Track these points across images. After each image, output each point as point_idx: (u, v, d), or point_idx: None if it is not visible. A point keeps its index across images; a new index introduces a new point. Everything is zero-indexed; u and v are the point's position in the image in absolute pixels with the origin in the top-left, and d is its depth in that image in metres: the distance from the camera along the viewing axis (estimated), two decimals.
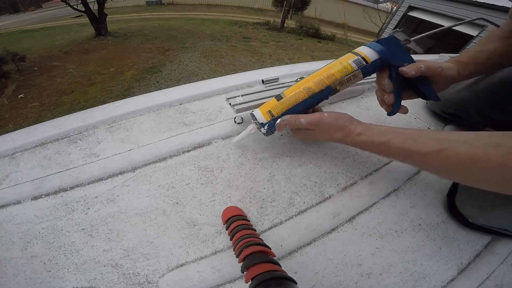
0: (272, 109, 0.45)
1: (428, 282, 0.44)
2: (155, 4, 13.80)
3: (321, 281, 0.41)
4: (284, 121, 0.43)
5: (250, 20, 9.91)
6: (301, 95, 0.44)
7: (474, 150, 0.30)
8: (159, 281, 0.39)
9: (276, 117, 0.44)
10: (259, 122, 0.45)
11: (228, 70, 5.04)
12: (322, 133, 0.44)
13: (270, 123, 0.45)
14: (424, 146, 0.34)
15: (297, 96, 0.44)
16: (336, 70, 0.44)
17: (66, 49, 5.94)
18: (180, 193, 0.48)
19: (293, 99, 0.44)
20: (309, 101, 0.45)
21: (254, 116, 0.45)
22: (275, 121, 0.45)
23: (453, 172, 0.33)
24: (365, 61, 0.44)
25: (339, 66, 0.44)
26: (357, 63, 0.44)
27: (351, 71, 0.44)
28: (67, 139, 0.54)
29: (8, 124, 3.45)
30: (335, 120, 0.42)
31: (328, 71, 0.45)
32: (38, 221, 0.42)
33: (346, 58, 0.45)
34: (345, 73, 0.44)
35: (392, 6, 8.68)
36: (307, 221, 0.47)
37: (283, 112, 0.44)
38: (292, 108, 0.45)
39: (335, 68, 0.44)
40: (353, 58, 0.45)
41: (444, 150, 0.32)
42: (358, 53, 0.45)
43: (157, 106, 0.63)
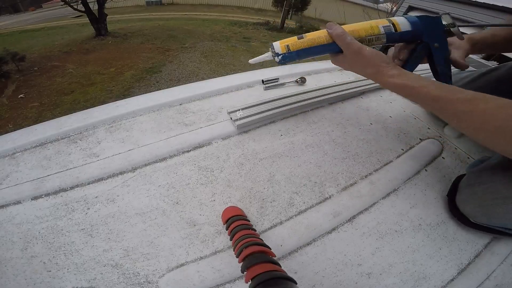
0: (291, 44, 0.47)
1: (428, 282, 0.44)
2: (155, 4, 13.80)
3: (321, 281, 0.41)
4: (337, 28, 0.44)
5: (250, 20, 9.91)
6: (320, 40, 0.46)
7: None
8: (159, 281, 0.38)
9: (291, 52, 0.47)
10: (275, 51, 0.47)
11: (228, 70, 5.03)
12: (356, 63, 0.45)
13: (285, 55, 0.47)
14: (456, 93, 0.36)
15: (316, 39, 0.46)
16: (361, 28, 0.46)
17: (66, 49, 5.94)
18: (180, 193, 0.48)
19: (312, 41, 0.46)
20: (325, 47, 0.47)
21: (273, 46, 0.48)
22: (289, 54, 0.47)
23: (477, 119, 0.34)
24: (395, 29, 0.46)
25: (367, 26, 0.46)
26: (386, 29, 0.46)
27: (376, 33, 0.46)
28: (67, 139, 0.54)
29: (8, 124, 3.44)
30: (373, 55, 0.43)
31: (354, 27, 0.46)
32: (38, 221, 0.42)
33: (378, 22, 0.47)
34: (370, 33, 0.46)
35: (392, 6, 8.68)
36: (307, 221, 0.47)
37: (299, 49, 0.46)
38: (308, 48, 0.46)
39: (362, 26, 0.46)
40: (384, 23, 0.46)
41: (474, 99, 0.34)
42: (392, 21, 0.47)
43: (157, 106, 0.63)
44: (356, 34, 0.45)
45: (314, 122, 0.65)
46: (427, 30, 0.47)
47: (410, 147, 0.63)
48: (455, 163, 0.62)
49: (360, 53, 0.43)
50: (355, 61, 0.45)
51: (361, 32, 0.46)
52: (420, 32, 0.47)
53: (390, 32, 0.46)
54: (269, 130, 0.61)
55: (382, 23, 0.46)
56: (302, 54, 0.47)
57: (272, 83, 0.74)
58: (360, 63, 0.45)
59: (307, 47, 0.46)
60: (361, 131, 0.65)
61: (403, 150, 0.62)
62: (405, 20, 0.47)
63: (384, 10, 9.59)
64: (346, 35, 0.43)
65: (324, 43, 0.46)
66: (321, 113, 0.68)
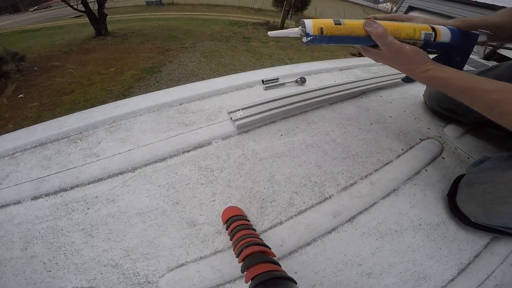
0: (325, 27, 0.43)
1: (428, 282, 0.44)
2: (155, 4, 13.80)
3: (321, 281, 0.41)
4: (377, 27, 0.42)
5: (250, 20, 9.91)
6: (358, 31, 0.44)
7: None
8: (159, 281, 0.38)
9: (323, 36, 0.44)
10: (306, 31, 0.43)
11: (228, 70, 5.03)
12: (395, 60, 0.45)
13: (315, 37, 0.44)
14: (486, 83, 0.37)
15: (355, 29, 0.44)
16: (404, 30, 0.45)
17: (66, 49, 5.94)
18: (180, 193, 0.48)
19: (349, 30, 0.44)
20: (361, 39, 0.45)
21: (304, 24, 0.43)
22: (320, 38, 0.44)
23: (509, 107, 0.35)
24: (434, 39, 0.45)
25: (409, 29, 0.45)
26: (426, 37, 0.45)
27: (415, 38, 0.45)
28: (67, 139, 0.54)
29: (8, 124, 3.44)
30: (413, 54, 0.43)
31: (397, 27, 0.45)
32: (38, 221, 0.42)
33: (421, 27, 0.46)
34: (410, 37, 0.45)
35: (392, 6, 8.68)
36: (307, 221, 0.47)
37: (333, 35, 0.44)
38: (344, 37, 0.44)
39: (405, 30, 0.45)
40: (427, 30, 0.45)
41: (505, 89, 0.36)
42: (435, 29, 0.46)
43: (157, 106, 0.63)
44: (396, 34, 0.44)
45: (314, 122, 0.65)
46: (460, 45, 0.46)
47: (410, 147, 0.63)
48: (455, 163, 0.62)
49: (400, 52, 0.42)
50: (393, 59, 0.45)
51: (402, 33, 0.44)
52: (453, 46, 0.46)
53: (428, 41, 0.45)
54: (269, 130, 0.61)
55: (425, 29, 0.45)
56: (334, 40, 0.44)
57: (272, 83, 0.74)
58: (398, 61, 0.44)
59: (342, 35, 0.43)
60: (361, 131, 0.65)
61: (403, 150, 0.62)
62: (448, 31, 0.46)
63: (384, 10, 9.59)
64: (386, 36, 0.42)
65: (362, 35, 0.44)
66: (321, 113, 0.68)
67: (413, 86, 0.85)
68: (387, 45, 0.42)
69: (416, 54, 0.42)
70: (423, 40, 0.45)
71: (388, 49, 0.42)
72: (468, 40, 0.47)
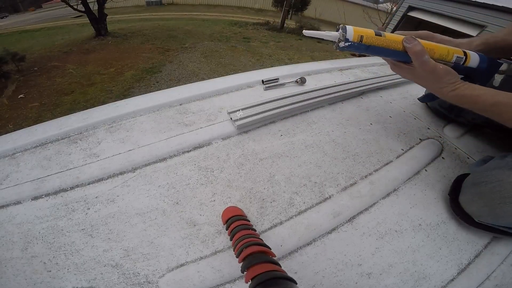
0: (366, 36, 0.44)
1: (428, 282, 0.44)
2: (155, 4, 13.81)
3: (321, 281, 0.41)
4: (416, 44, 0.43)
5: (250, 20, 9.92)
6: (396, 45, 0.45)
7: None
8: (159, 281, 0.38)
9: (362, 44, 0.44)
10: (346, 37, 0.44)
11: (228, 70, 5.03)
12: (426, 79, 0.46)
13: (353, 44, 0.44)
14: None
15: (393, 43, 0.45)
16: (438, 51, 0.46)
17: (66, 49, 5.94)
18: (180, 193, 0.48)
19: (388, 43, 0.45)
20: (396, 54, 0.46)
21: (345, 29, 0.44)
22: (358, 46, 0.44)
23: None
24: (464, 62, 0.46)
25: (444, 50, 0.46)
26: (457, 60, 0.46)
27: (447, 60, 0.46)
28: (67, 139, 0.54)
29: (8, 124, 3.44)
30: (445, 74, 0.44)
31: (432, 47, 0.46)
32: (38, 221, 0.42)
33: (454, 50, 0.46)
34: (442, 58, 0.46)
35: (392, 6, 8.68)
36: (307, 221, 0.47)
37: (371, 44, 0.44)
38: (382, 48, 0.45)
39: (439, 50, 0.46)
40: (459, 54, 0.46)
41: None
42: (466, 54, 0.47)
43: (157, 106, 0.63)
44: (430, 53, 0.45)
45: (314, 122, 0.65)
46: (484, 71, 0.47)
47: (410, 147, 0.63)
48: (455, 163, 0.62)
49: (434, 71, 0.43)
50: (424, 77, 0.45)
51: (436, 54, 0.45)
52: (477, 71, 0.47)
53: (458, 64, 0.46)
54: (269, 130, 0.61)
55: (458, 53, 0.46)
56: (371, 50, 0.45)
57: (272, 83, 0.74)
58: (429, 79, 0.45)
59: (380, 47, 0.44)
60: (361, 131, 0.65)
61: (403, 150, 0.62)
62: (477, 57, 0.47)
63: (384, 10, 9.59)
64: (424, 54, 0.43)
65: (399, 49, 0.45)
66: (321, 113, 0.68)
67: (413, 86, 0.85)
68: (422, 63, 0.43)
69: (447, 74, 0.43)
70: (453, 63, 0.46)
71: (422, 67, 0.43)
72: (492, 68, 0.48)
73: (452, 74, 0.44)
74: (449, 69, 0.44)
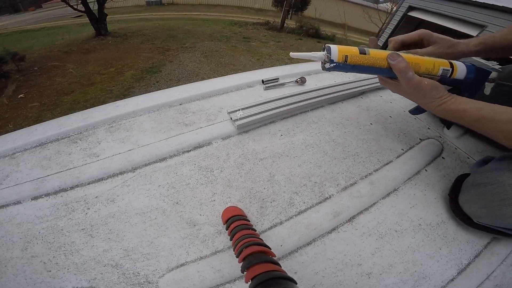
0: (350, 56, 0.44)
1: (428, 282, 0.44)
2: (155, 4, 13.80)
3: (321, 281, 0.41)
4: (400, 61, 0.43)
5: (250, 20, 9.91)
6: (381, 62, 0.44)
7: None
8: (159, 281, 0.38)
9: (347, 64, 0.44)
10: (331, 57, 0.43)
11: (228, 70, 5.03)
12: (412, 94, 0.46)
13: (338, 65, 0.44)
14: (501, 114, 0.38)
15: (378, 60, 0.44)
16: (424, 65, 0.45)
17: (66, 49, 5.94)
18: (180, 193, 0.48)
19: (373, 61, 0.44)
20: (383, 71, 0.45)
21: (330, 50, 0.44)
22: (343, 66, 0.44)
23: None
24: (450, 74, 0.46)
25: (429, 64, 0.45)
26: (443, 73, 0.46)
27: (433, 74, 0.46)
28: (67, 139, 0.54)
29: (8, 124, 3.44)
30: (430, 89, 0.43)
31: (418, 61, 0.45)
32: (38, 221, 0.42)
33: (440, 63, 0.46)
34: (428, 72, 0.45)
35: (392, 6, 8.68)
36: (307, 221, 0.47)
37: (357, 65, 0.44)
38: (368, 67, 0.45)
39: (425, 64, 0.45)
40: (445, 66, 0.45)
41: None
42: (453, 65, 0.46)
43: (157, 106, 0.63)
44: (416, 68, 0.44)
45: (314, 122, 0.65)
46: (472, 82, 0.47)
47: (410, 147, 0.63)
48: (455, 163, 0.62)
49: (419, 87, 0.43)
50: (410, 93, 0.45)
51: (422, 68, 0.45)
52: (465, 83, 0.47)
53: (445, 77, 0.46)
54: (269, 130, 0.61)
55: (444, 66, 0.46)
56: (356, 69, 0.45)
57: (272, 83, 0.74)
58: (415, 95, 0.45)
59: (365, 65, 0.44)
60: (361, 131, 0.65)
61: (403, 150, 0.62)
62: (464, 69, 0.47)
63: (384, 10, 9.59)
64: (408, 71, 0.42)
65: (384, 67, 0.44)
66: (321, 113, 0.68)
67: None
68: (407, 80, 0.43)
69: (432, 89, 0.43)
70: (439, 76, 0.46)
71: (407, 84, 0.43)
72: (480, 78, 0.47)
73: (438, 89, 0.43)
74: (434, 84, 0.43)
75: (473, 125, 0.41)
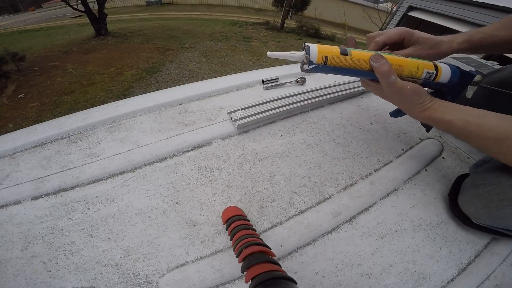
0: (331, 57, 0.41)
1: (428, 282, 0.44)
2: (155, 4, 13.80)
3: (321, 281, 0.41)
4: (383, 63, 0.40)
5: (250, 20, 9.91)
6: (363, 64, 0.42)
7: None
8: (159, 281, 0.38)
9: (327, 66, 0.41)
10: (310, 59, 0.40)
11: (228, 70, 5.03)
12: (394, 98, 0.44)
13: (318, 66, 0.41)
14: (487, 132, 0.36)
15: (360, 62, 0.42)
16: (407, 68, 0.43)
17: (66, 49, 5.94)
18: (180, 193, 0.48)
19: (355, 62, 0.42)
20: (365, 73, 0.43)
21: (309, 50, 0.40)
22: (323, 67, 0.41)
23: None
24: (434, 78, 0.45)
25: (413, 66, 0.43)
26: (427, 76, 0.44)
27: (417, 77, 0.44)
28: (67, 139, 0.54)
29: (8, 124, 3.44)
30: (412, 94, 0.42)
31: (402, 63, 0.43)
32: (38, 221, 0.42)
33: (424, 65, 0.44)
34: (412, 75, 0.44)
35: (392, 6, 8.68)
36: (307, 221, 0.47)
37: (338, 67, 0.42)
38: (349, 69, 0.42)
39: (409, 67, 0.43)
40: (429, 69, 0.44)
41: (506, 140, 0.34)
42: (437, 67, 0.45)
43: (157, 106, 0.63)
44: (399, 70, 0.42)
45: (314, 122, 0.65)
46: (455, 85, 0.46)
47: (410, 147, 0.63)
48: (455, 163, 0.62)
49: (401, 92, 0.41)
50: (392, 97, 0.44)
51: (405, 71, 0.43)
52: (449, 86, 0.46)
53: (427, 81, 0.45)
54: (269, 130, 0.61)
55: (428, 68, 0.44)
56: (337, 71, 0.42)
57: (272, 83, 0.74)
58: (398, 99, 0.44)
59: (346, 67, 0.42)
60: (361, 131, 0.65)
61: (403, 150, 0.62)
62: (449, 72, 0.45)
63: (384, 10, 9.59)
64: (390, 75, 0.40)
65: (366, 69, 0.42)
66: (321, 113, 0.68)
67: None
68: (389, 84, 0.41)
69: (415, 94, 0.42)
70: (423, 80, 0.44)
71: (389, 88, 0.42)
72: (464, 81, 0.46)
73: (420, 94, 0.41)
74: (416, 88, 0.41)
75: (461, 138, 0.40)
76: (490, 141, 0.36)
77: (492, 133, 0.35)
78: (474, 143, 0.39)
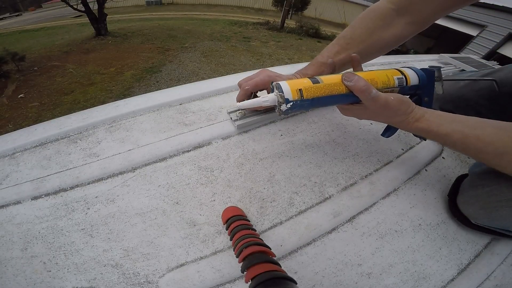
0: (305, 89, 0.38)
1: (428, 282, 0.44)
2: (155, 4, 13.80)
3: (321, 281, 0.41)
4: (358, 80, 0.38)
5: (250, 20, 9.92)
6: (339, 88, 0.40)
7: None
8: (159, 281, 0.38)
9: (304, 99, 0.39)
10: (285, 96, 0.38)
11: (228, 70, 5.04)
12: (381, 115, 0.42)
13: (296, 103, 0.38)
14: (486, 146, 0.35)
15: (334, 86, 0.40)
16: (379, 78, 0.42)
17: (66, 49, 5.95)
18: (180, 193, 0.48)
19: (330, 88, 0.40)
20: (344, 97, 0.41)
21: (281, 88, 0.38)
22: (301, 103, 0.39)
23: None
24: (406, 82, 0.44)
25: (383, 76, 0.43)
26: (400, 82, 0.44)
27: (391, 85, 0.43)
28: (67, 139, 0.54)
29: (8, 124, 3.45)
30: (399, 104, 0.39)
31: (372, 76, 0.42)
32: (38, 221, 0.42)
33: (391, 72, 0.43)
34: (386, 85, 0.43)
35: None
36: (307, 221, 0.47)
37: (315, 97, 0.39)
38: (327, 97, 0.40)
39: (381, 78, 0.43)
40: (397, 75, 0.44)
41: (506, 154, 0.33)
42: (403, 73, 0.44)
43: (157, 106, 0.63)
44: (373, 84, 0.41)
45: (314, 122, 0.65)
46: (426, 85, 0.45)
47: (410, 147, 0.63)
48: (455, 163, 0.62)
49: (387, 105, 0.38)
50: (380, 113, 0.41)
51: (379, 83, 0.42)
52: (422, 87, 0.45)
53: (403, 86, 0.44)
54: (269, 130, 0.61)
55: (395, 75, 0.43)
56: (316, 103, 0.39)
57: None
58: (387, 114, 0.41)
59: (324, 96, 0.39)
60: (361, 131, 0.65)
61: (403, 150, 0.62)
62: (413, 72, 0.45)
63: None
64: (370, 89, 0.37)
65: (343, 92, 0.40)
66: (321, 113, 0.68)
67: None
68: (372, 100, 0.38)
69: (401, 103, 0.39)
70: (398, 87, 0.43)
71: (373, 103, 0.38)
72: (430, 79, 0.46)
73: (406, 102, 0.39)
74: (400, 97, 0.39)
75: (459, 151, 0.39)
76: (490, 155, 0.35)
77: (491, 147, 0.34)
78: (473, 156, 0.38)
